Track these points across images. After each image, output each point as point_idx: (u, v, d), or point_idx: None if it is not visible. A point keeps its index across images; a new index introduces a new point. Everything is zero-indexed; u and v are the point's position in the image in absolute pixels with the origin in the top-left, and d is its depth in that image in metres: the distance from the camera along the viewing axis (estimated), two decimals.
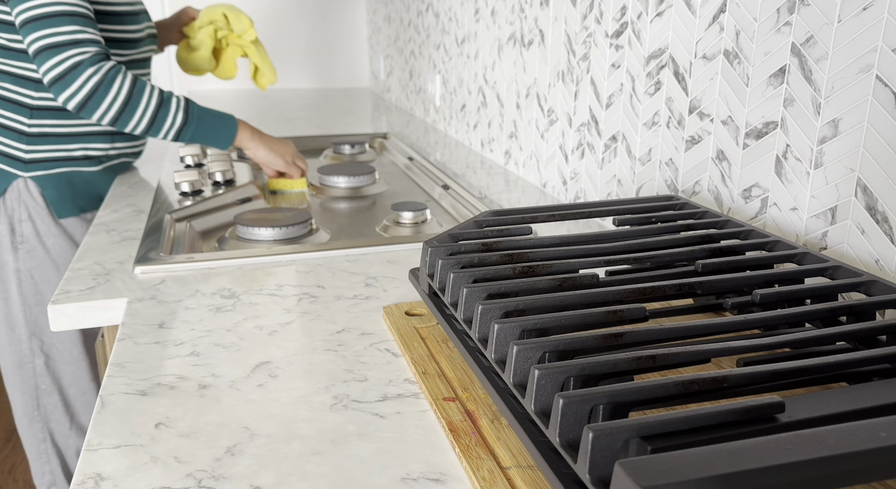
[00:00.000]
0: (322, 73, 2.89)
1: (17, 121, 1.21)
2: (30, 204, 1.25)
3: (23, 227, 1.25)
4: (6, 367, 1.28)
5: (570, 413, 0.41)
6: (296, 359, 0.68)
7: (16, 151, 1.22)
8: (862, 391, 0.45)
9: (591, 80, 1.13)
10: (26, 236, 1.25)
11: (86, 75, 1.10)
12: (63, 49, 1.10)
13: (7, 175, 1.23)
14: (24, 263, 1.25)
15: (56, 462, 1.33)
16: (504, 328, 0.52)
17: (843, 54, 0.67)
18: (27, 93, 1.20)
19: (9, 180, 1.23)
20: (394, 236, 1.07)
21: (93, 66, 1.11)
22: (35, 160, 1.24)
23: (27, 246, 1.25)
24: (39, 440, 1.31)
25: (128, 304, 0.81)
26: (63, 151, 1.26)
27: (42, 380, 1.28)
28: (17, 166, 1.23)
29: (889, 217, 0.64)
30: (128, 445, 0.55)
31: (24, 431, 1.31)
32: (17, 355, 1.26)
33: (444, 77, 1.89)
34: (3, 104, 1.20)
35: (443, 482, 0.51)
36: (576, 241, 0.72)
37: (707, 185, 0.88)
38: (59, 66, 1.10)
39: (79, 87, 1.11)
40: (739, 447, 0.33)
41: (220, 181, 1.35)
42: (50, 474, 1.33)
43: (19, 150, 1.22)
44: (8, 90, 1.20)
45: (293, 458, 0.53)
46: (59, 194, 1.27)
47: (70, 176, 1.28)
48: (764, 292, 0.59)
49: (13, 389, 1.29)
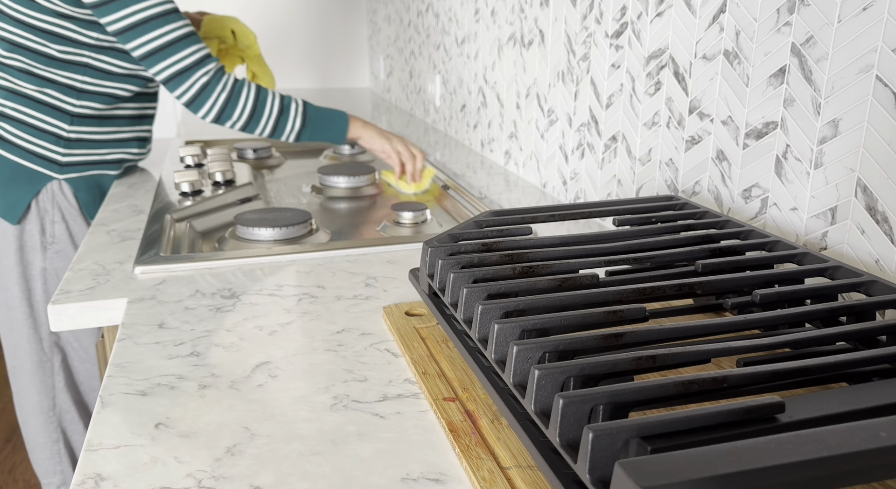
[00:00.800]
0: (322, 73, 2.89)
1: (56, 126, 1.25)
2: (63, 205, 1.28)
3: (55, 228, 1.28)
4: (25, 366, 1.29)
5: (570, 413, 0.41)
6: (296, 360, 0.68)
7: (53, 154, 1.26)
8: (862, 391, 0.45)
9: (591, 80, 1.13)
10: (58, 237, 1.29)
11: (214, 95, 1.21)
12: (189, 74, 1.19)
13: (42, 176, 1.26)
14: (52, 263, 1.28)
15: (67, 461, 1.34)
16: (504, 328, 0.52)
17: (843, 54, 0.67)
18: (70, 101, 1.25)
19: (44, 182, 1.26)
20: (394, 236, 1.07)
21: (218, 85, 1.21)
22: (71, 163, 1.28)
23: (57, 246, 1.29)
24: (53, 440, 1.33)
25: (128, 304, 0.81)
26: (98, 155, 1.31)
27: (59, 379, 1.31)
28: (53, 169, 1.26)
29: (889, 217, 0.64)
30: (128, 445, 0.55)
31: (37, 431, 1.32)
32: (38, 354, 1.30)
33: (444, 77, 1.89)
34: (45, 109, 1.24)
35: (443, 482, 0.51)
36: (576, 241, 0.72)
37: (707, 186, 0.88)
38: (189, 91, 1.20)
39: (210, 107, 1.21)
40: (739, 447, 0.33)
41: (220, 181, 1.35)
42: (61, 474, 1.34)
43: (56, 154, 1.26)
44: (51, 96, 1.23)
45: (293, 458, 0.53)
46: (90, 196, 1.31)
47: (99, 178, 1.32)
48: (764, 292, 0.59)
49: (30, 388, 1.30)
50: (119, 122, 1.32)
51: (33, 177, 1.25)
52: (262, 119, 1.25)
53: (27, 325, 1.28)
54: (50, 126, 1.24)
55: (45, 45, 1.20)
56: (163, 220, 1.11)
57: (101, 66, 1.25)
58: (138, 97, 1.34)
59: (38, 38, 1.19)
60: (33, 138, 1.24)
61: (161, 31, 1.17)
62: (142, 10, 1.15)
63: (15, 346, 1.29)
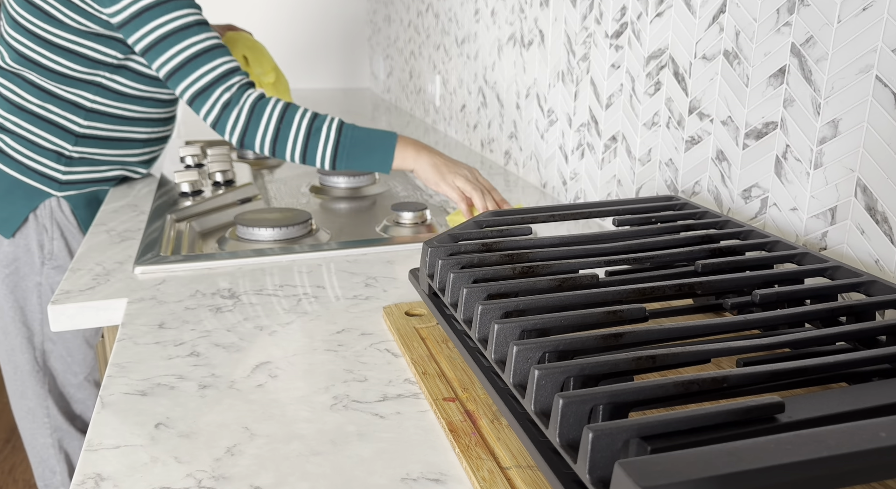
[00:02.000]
0: (322, 73, 2.89)
1: (59, 145, 1.20)
2: (62, 222, 1.25)
3: (53, 245, 1.25)
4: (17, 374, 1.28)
5: (570, 413, 0.41)
6: (296, 360, 0.68)
7: (53, 172, 1.22)
8: (862, 391, 0.45)
9: (591, 80, 1.13)
10: (56, 253, 1.25)
11: (235, 115, 1.08)
12: (211, 91, 1.08)
13: (41, 193, 1.22)
14: (48, 278, 1.25)
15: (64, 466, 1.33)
16: (504, 328, 0.52)
17: (843, 54, 0.67)
18: (76, 119, 1.20)
19: (42, 198, 1.23)
20: (394, 236, 1.07)
21: (239, 103, 1.08)
22: (71, 182, 1.24)
23: (55, 262, 1.25)
24: (48, 445, 1.32)
25: (128, 304, 0.81)
26: (99, 173, 1.27)
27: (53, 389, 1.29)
28: (53, 186, 1.22)
29: (889, 217, 0.64)
30: (128, 445, 0.55)
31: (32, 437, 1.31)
32: (31, 364, 1.27)
33: (444, 77, 1.89)
34: (49, 127, 1.19)
35: (443, 482, 0.51)
36: (576, 242, 0.72)
37: (707, 186, 0.88)
38: (213, 111, 1.08)
39: (232, 128, 1.09)
40: (739, 447, 0.33)
41: (220, 181, 1.35)
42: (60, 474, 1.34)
43: (57, 172, 1.22)
44: (56, 114, 1.18)
45: (293, 458, 0.53)
46: (90, 213, 1.27)
47: (98, 194, 1.29)
48: (764, 292, 0.59)
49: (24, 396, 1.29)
50: (127, 145, 1.27)
51: (31, 192, 1.21)
52: (287, 140, 1.09)
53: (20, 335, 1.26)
54: (52, 144, 1.20)
55: (57, 62, 1.15)
56: (163, 220, 1.11)
57: (114, 87, 1.20)
58: (151, 122, 1.28)
59: (51, 54, 1.14)
60: (34, 154, 1.20)
61: (184, 45, 1.08)
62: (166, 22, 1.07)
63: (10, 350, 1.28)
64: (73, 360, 1.29)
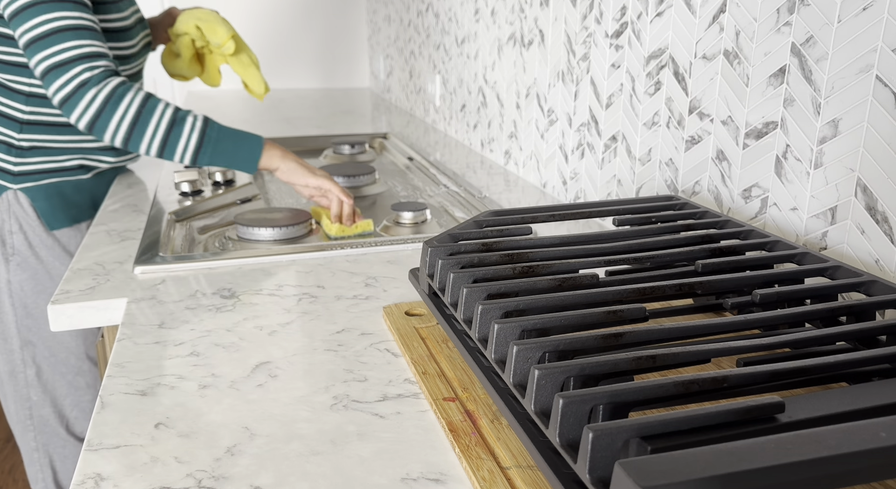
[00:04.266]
0: (322, 73, 2.89)
1: (6, 135, 1.17)
2: (20, 216, 1.21)
3: (14, 239, 1.22)
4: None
5: (570, 413, 0.41)
6: (296, 360, 0.68)
7: (4, 163, 1.19)
8: (862, 391, 0.45)
9: (591, 80, 1.13)
10: (18, 248, 1.22)
11: (92, 94, 1.03)
12: (70, 67, 1.03)
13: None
14: (16, 275, 1.22)
15: (49, 471, 1.32)
16: (504, 328, 0.52)
17: (843, 54, 0.67)
18: (17, 106, 1.16)
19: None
20: (394, 236, 1.07)
21: (99, 84, 1.04)
22: (24, 173, 1.20)
23: (18, 258, 1.22)
24: (32, 448, 1.29)
25: (128, 304, 0.81)
26: (55, 162, 1.22)
27: (34, 392, 1.26)
28: (6, 179, 1.19)
29: (889, 217, 0.64)
30: (128, 445, 0.55)
31: (19, 439, 1.30)
32: (10, 365, 1.24)
33: (444, 77, 1.89)
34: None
35: (443, 482, 0.51)
36: (576, 241, 0.72)
37: (707, 185, 0.88)
38: (67, 86, 1.03)
39: (86, 107, 1.04)
40: (739, 447, 0.33)
41: (220, 181, 1.35)
42: (43, 482, 1.32)
43: (8, 163, 1.18)
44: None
45: (293, 458, 0.53)
46: (50, 205, 1.23)
47: (60, 186, 1.24)
48: (764, 292, 0.59)
49: (6, 399, 1.27)
50: (77, 130, 1.20)
51: None
52: (146, 131, 1.05)
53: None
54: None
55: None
56: (163, 220, 1.11)
57: None
58: None
59: None
60: None
61: (44, 18, 1.01)
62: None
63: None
64: (56, 360, 1.26)
